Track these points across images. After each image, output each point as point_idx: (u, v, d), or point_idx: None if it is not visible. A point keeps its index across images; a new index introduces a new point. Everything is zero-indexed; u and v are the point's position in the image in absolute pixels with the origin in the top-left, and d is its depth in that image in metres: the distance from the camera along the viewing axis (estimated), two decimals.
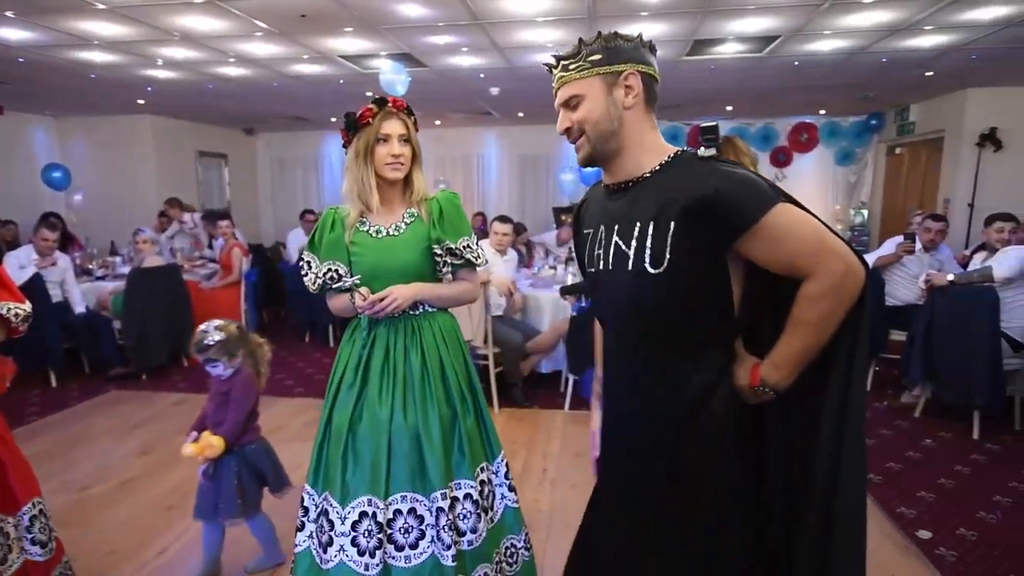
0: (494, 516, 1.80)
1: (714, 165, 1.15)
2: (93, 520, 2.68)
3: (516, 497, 1.87)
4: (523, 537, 1.87)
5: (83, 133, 7.60)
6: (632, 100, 1.19)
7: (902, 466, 3.24)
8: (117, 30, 3.98)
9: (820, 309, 1.11)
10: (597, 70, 1.19)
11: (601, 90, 1.20)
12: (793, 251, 1.11)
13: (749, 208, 1.10)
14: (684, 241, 1.13)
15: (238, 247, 5.63)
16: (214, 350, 2.15)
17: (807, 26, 4.04)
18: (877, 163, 8.10)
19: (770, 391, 1.17)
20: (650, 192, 1.18)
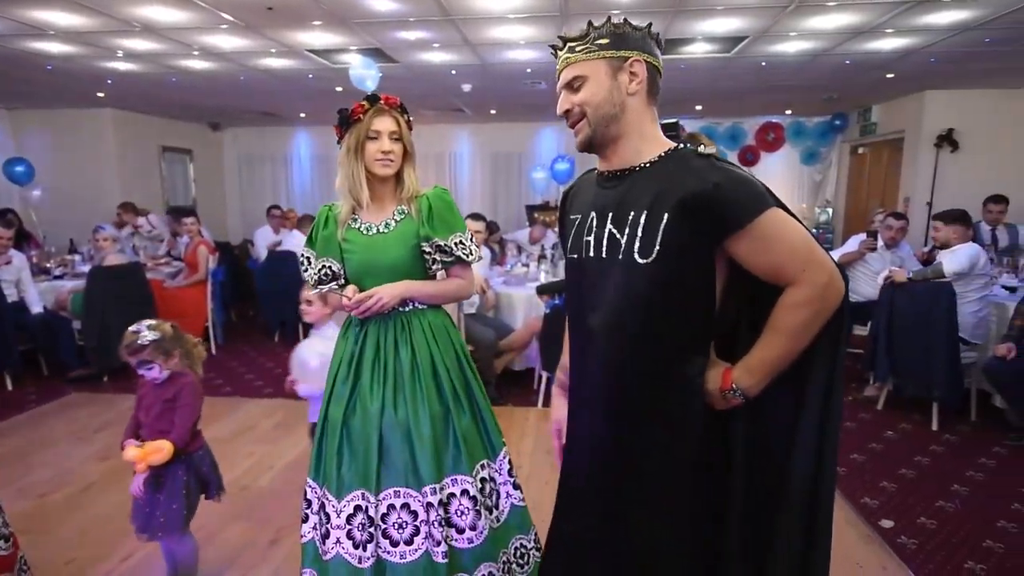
0: (500, 515, 1.78)
1: (714, 162, 1.16)
2: (53, 527, 2.59)
3: (522, 495, 1.84)
4: (532, 537, 1.84)
5: (40, 126, 7.33)
6: (636, 87, 1.19)
7: (865, 457, 3.34)
8: (74, 20, 3.84)
9: (800, 318, 1.13)
10: (603, 53, 1.18)
11: (606, 73, 1.19)
12: (782, 257, 1.13)
13: (746, 208, 1.11)
14: (675, 234, 1.13)
15: (204, 245, 5.50)
16: (149, 350, 2.00)
17: (773, 27, 4.11)
18: (841, 162, 8.31)
19: (740, 396, 1.18)
20: (647, 182, 1.18)
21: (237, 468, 3.25)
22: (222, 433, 3.73)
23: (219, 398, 4.37)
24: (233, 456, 3.40)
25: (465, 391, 1.78)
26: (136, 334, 2.00)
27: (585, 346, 1.31)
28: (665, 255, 1.14)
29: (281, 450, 3.46)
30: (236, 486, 3.05)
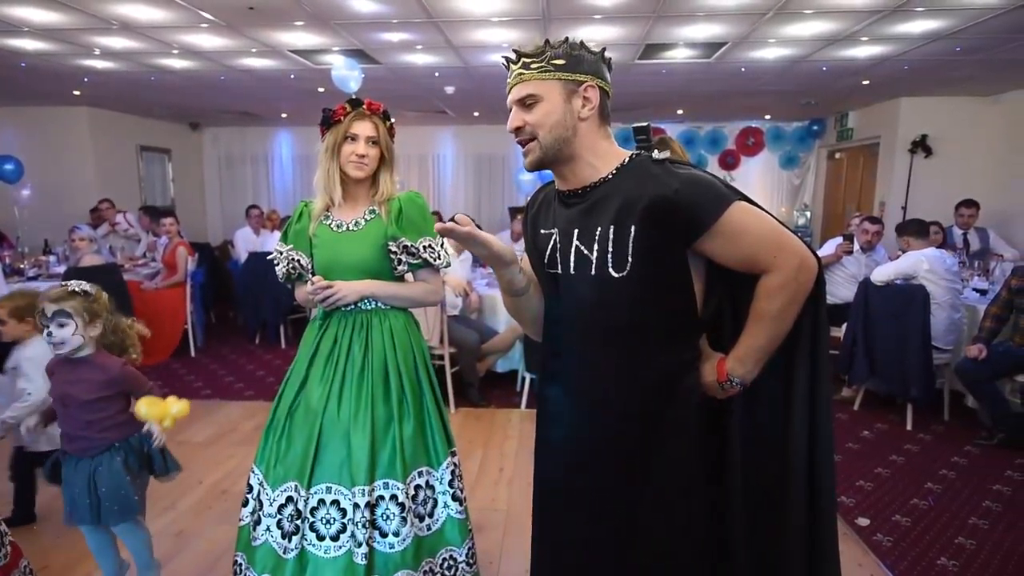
0: (432, 524, 1.79)
1: (670, 167, 1.17)
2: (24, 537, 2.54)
3: (462, 508, 1.84)
4: (466, 551, 1.83)
5: (13, 124, 7.17)
6: (588, 112, 1.19)
7: (842, 457, 3.40)
8: (50, 17, 3.77)
9: (779, 301, 1.17)
10: (559, 74, 1.18)
11: (560, 95, 1.18)
12: (751, 247, 1.16)
13: (708, 208, 1.13)
14: (645, 244, 1.15)
15: (183, 246, 5.42)
16: (75, 301, 1.78)
17: (752, 34, 4.18)
18: (819, 167, 8.45)
19: (738, 384, 1.22)
20: (608, 196, 1.19)
21: (218, 471, 3.22)
22: (202, 436, 3.68)
23: (198, 401, 4.31)
24: (214, 459, 3.36)
25: (415, 396, 1.79)
26: (65, 285, 1.83)
27: (569, 354, 1.30)
28: (639, 265, 1.16)
29: None
30: (217, 489, 3.02)
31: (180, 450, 3.42)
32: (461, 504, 1.83)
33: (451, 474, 1.82)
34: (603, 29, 4.10)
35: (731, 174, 8.49)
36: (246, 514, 1.79)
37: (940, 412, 3.91)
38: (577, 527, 1.30)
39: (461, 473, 1.88)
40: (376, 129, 1.75)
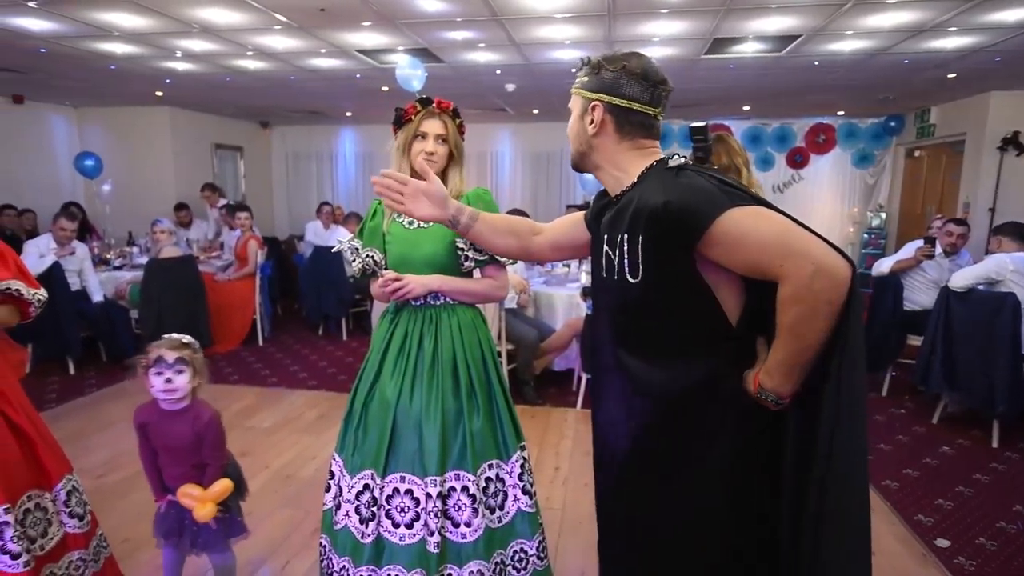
0: (503, 517, 1.81)
1: (669, 176, 1.17)
2: (109, 507, 2.71)
3: (532, 502, 1.85)
4: (536, 544, 1.84)
5: (102, 123, 7.67)
6: (593, 129, 1.25)
7: (919, 473, 3.21)
8: (138, 21, 4.00)
9: (791, 314, 1.09)
10: (581, 92, 1.27)
11: (578, 111, 1.28)
12: (754, 255, 1.11)
13: (699, 215, 1.11)
14: (650, 252, 1.16)
15: (254, 239, 5.66)
16: (189, 351, 1.91)
17: (828, 26, 3.99)
18: (895, 165, 8.01)
19: (770, 398, 1.15)
20: (628, 205, 1.21)
21: (282, 457, 3.34)
22: (268, 423, 3.83)
23: (264, 389, 4.50)
24: (278, 445, 3.49)
25: (484, 390, 1.81)
26: (177, 337, 1.93)
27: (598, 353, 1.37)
28: (649, 273, 1.17)
29: (324, 441, 3.54)
30: (280, 475, 3.14)
31: (247, 436, 3.60)
32: (531, 498, 1.85)
33: (521, 467, 1.85)
34: (669, 24, 4.01)
35: (799, 173, 8.16)
36: (329, 499, 1.86)
37: None
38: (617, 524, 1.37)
39: (531, 467, 1.90)
40: (445, 127, 1.78)
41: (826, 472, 1.09)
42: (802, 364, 1.12)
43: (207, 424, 1.93)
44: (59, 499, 1.97)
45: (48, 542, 1.91)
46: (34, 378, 4.44)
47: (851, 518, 1.12)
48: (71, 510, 1.99)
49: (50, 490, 1.95)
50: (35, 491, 1.91)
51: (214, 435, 1.95)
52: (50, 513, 1.93)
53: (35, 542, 1.87)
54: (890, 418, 4.00)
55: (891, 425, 3.88)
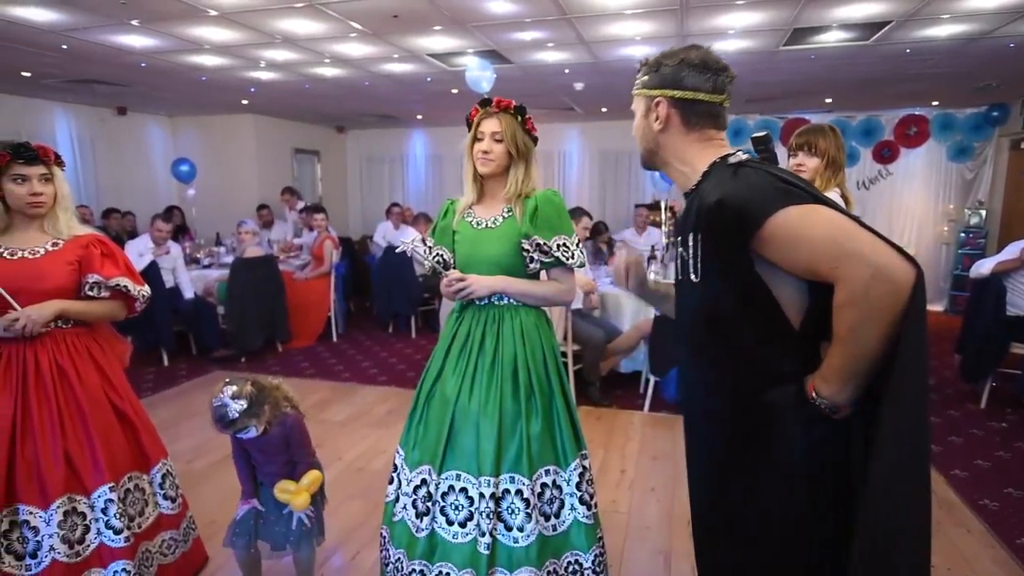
0: (558, 524, 1.77)
1: (728, 173, 1.14)
2: (196, 491, 2.89)
3: (590, 513, 1.81)
4: (592, 558, 1.79)
5: (193, 131, 8.21)
6: (659, 126, 1.25)
7: (1022, 493, 2.94)
8: (226, 35, 4.26)
9: (846, 320, 1.04)
10: (643, 91, 1.27)
11: (642, 111, 1.29)
12: (808, 256, 1.06)
13: (752, 213, 1.08)
14: (707, 251, 1.15)
15: (330, 240, 5.90)
16: (240, 421, 1.89)
17: (923, 10, 3.72)
18: (998, 159, 7.37)
19: (825, 404, 1.10)
20: (694, 202, 1.21)
21: (354, 450, 3.46)
22: (341, 416, 3.98)
23: (338, 383, 4.68)
24: (350, 438, 3.62)
25: (544, 394, 1.79)
26: (223, 408, 1.88)
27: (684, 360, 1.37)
28: (706, 272, 1.16)
29: (393, 435, 3.61)
30: (353, 467, 3.25)
31: (320, 428, 3.75)
32: (589, 508, 1.80)
33: (579, 476, 1.80)
34: (745, 16, 3.85)
35: (887, 168, 7.66)
36: (391, 491, 1.91)
37: None
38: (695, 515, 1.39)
39: (592, 477, 1.86)
40: (500, 124, 1.78)
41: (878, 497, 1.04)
42: (860, 372, 1.06)
43: (291, 427, 2.03)
44: (155, 481, 2.13)
45: (145, 521, 2.07)
46: (131, 368, 4.76)
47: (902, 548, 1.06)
48: (165, 492, 2.15)
49: (148, 473, 2.11)
50: (135, 472, 2.07)
51: (299, 435, 2.06)
52: (147, 494, 2.09)
53: (133, 520, 2.02)
54: (989, 432, 3.69)
55: (990, 440, 3.58)
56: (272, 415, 1.98)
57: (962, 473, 3.16)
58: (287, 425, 2.03)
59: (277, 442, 2.02)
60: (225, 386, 1.91)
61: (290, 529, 2.04)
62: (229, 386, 1.90)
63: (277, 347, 5.53)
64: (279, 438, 2.02)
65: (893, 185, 7.70)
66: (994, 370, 4.11)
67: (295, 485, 2.00)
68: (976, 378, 4.22)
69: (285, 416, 2.03)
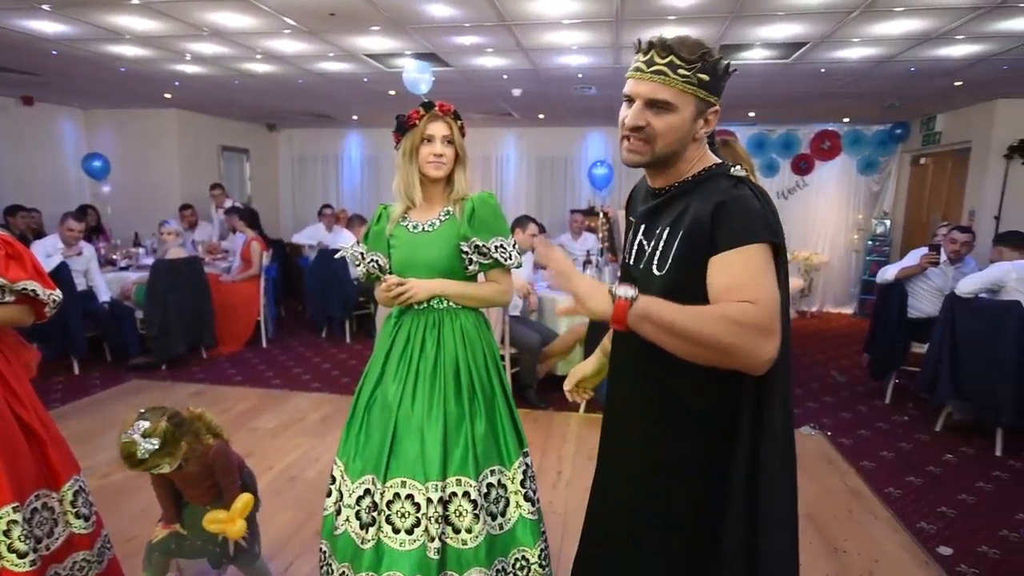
0: (504, 523, 1.80)
1: (729, 184, 1.15)
2: (114, 506, 2.72)
3: (535, 509, 1.84)
4: (538, 552, 1.82)
5: (110, 125, 7.72)
6: (703, 133, 1.19)
7: (923, 480, 3.20)
8: (149, 25, 4.04)
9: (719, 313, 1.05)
10: (699, 91, 1.14)
11: (692, 112, 1.15)
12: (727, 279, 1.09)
13: (735, 235, 1.09)
14: (684, 251, 1.15)
15: (256, 241, 5.69)
16: (150, 461, 1.76)
17: (836, 33, 3.99)
18: (901, 173, 7.99)
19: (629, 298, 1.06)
20: (679, 200, 1.20)
21: (285, 459, 3.35)
22: (271, 424, 3.84)
23: (268, 390, 4.51)
24: (281, 447, 3.51)
25: (486, 396, 1.81)
26: (132, 444, 1.74)
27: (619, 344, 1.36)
28: (675, 269, 1.16)
29: (328, 443, 3.55)
30: (284, 476, 3.15)
31: (250, 437, 3.61)
32: (533, 505, 1.84)
33: (523, 474, 1.83)
34: (677, 30, 4.00)
35: (804, 179, 8.15)
36: (329, 504, 1.86)
37: None
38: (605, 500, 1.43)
39: (534, 474, 1.89)
40: (449, 128, 1.80)
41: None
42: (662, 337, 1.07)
43: (214, 458, 1.94)
44: (66, 499, 1.98)
45: (54, 542, 1.92)
46: (39, 378, 4.44)
47: None
48: (77, 510, 2.00)
49: (57, 490, 1.96)
50: (43, 491, 1.92)
51: (222, 465, 1.96)
52: (57, 513, 1.94)
53: (41, 542, 1.88)
54: (893, 426, 3.99)
55: (894, 432, 3.87)
56: (190, 450, 1.85)
57: (869, 464, 3.41)
58: (208, 457, 1.93)
59: (199, 472, 1.94)
60: (138, 420, 1.77)
61: (227, 552, 1.96)
62: (142, 421, 1.76)
63: (202, 353, 5.28)
64: (200, 469, 1.93)
65: (809, 196, 8.20)
66: (898, 368, 4.45)
67: (225, 514, 1.90)
68: (882, 375, 4.55)
69: (207, 448, 1.93)
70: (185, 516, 2.00)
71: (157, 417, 1.78)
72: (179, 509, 2.01)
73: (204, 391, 4.46)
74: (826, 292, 8.25)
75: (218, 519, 1.89)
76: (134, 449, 1.73)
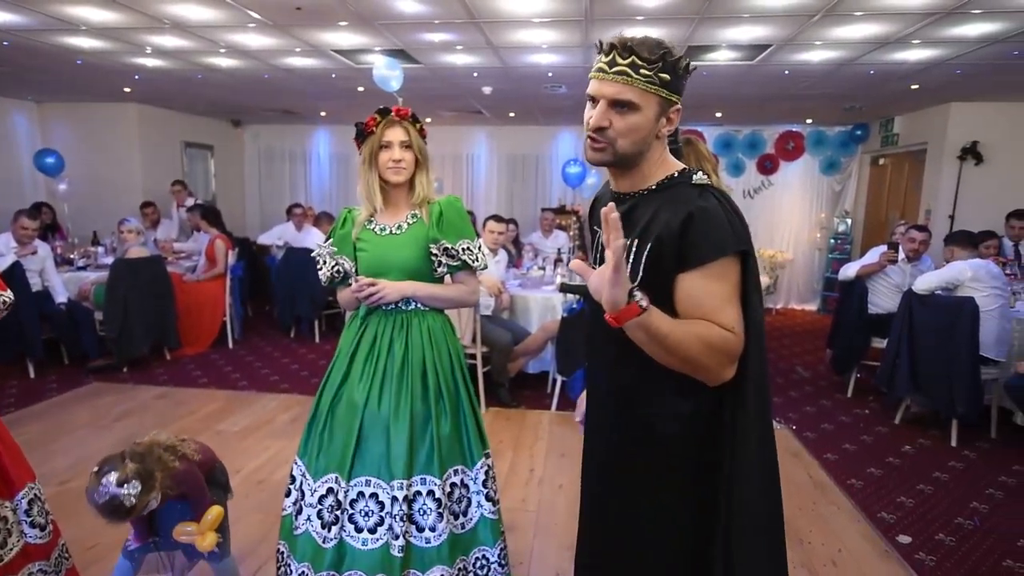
0: (466, 523, 1.82)
1: (694, 194, 1.16)
2: (74, 513, 2.63)
3: (495, 509, 1.87)
4: (498, 552, 1.85)
5: (66, 120, 7.45)
6: (666, 132, 1.20)
7: (883, 471, 3.30)
8: (106, 16, 3.90)
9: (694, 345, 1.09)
10: (661, 91, 1.14)
11: (655, 111, 1.16)
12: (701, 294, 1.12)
13: (705, 247, 1.10)
14: (653, 261, 1.15)
15: (221, 239, 5.56)
16: (140, 504, 1.71)
17: (799, 36, 4.09)
18: (861, 173, 8.23)
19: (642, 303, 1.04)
20: (644, 208, 1.20)
21: (253, 462, 3.29)
22: (238, 427, 3.77)
23: (235, 392, 4.42)
24: (249, 450, 3.44)
25: (452, 397, 1.82)
26: (115, 499, 1.67)
27: (593, 352, 1.37)
28: (644, 281, 1.15)
29: (296, 445, 3.48)
30: (253, 480, 3.09)
31: (217, 439, 3.53)
32: (494, 504, 1.86)
33: (485, 474, 1.86)
34: (645, 30, 4.02)
35: (769, 179, 8.32)
36: (288, 504, 1.84)
37: (987, 429, 3.77)
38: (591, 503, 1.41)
39: (495, 474, 1.91)
40: (407, 133, 1.81)
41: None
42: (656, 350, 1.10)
43: (183, 482, 1.86)
44: (20, 508, 1.91)
45: (7, 553, 1.85)
46: None
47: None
48: (32, 520, 1.94)
49: (11, 499, 1.90)
50: None
51: (192, 487, 1.90)
52: (10, 523, 1.87)
53: None
54: (855, 419, 4.11)
55: (855, 425, 3.99)
56: (164, 479, 1.78)
57: (832, 456, 3.50)
58: (179, 482, 1.86)
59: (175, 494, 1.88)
60: (102, 476, 1.68)
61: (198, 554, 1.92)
62: (108, 475, 1.67)
63: (165, 354, 5.15)
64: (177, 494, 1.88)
65: (774, 195, 8.38)
66: (859, 362, 4.58)
67: (195, 526, 1.86)
68: (844, 370, 4.68)
69: (176, 473, 1.85)
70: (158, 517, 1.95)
71: (119, 463, 1.71)
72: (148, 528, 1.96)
73: (168, 393, 4.34)
74: (790, 289, 8.45)
75: (187, 531, 1.85)
76: (119, 502, 1.67)
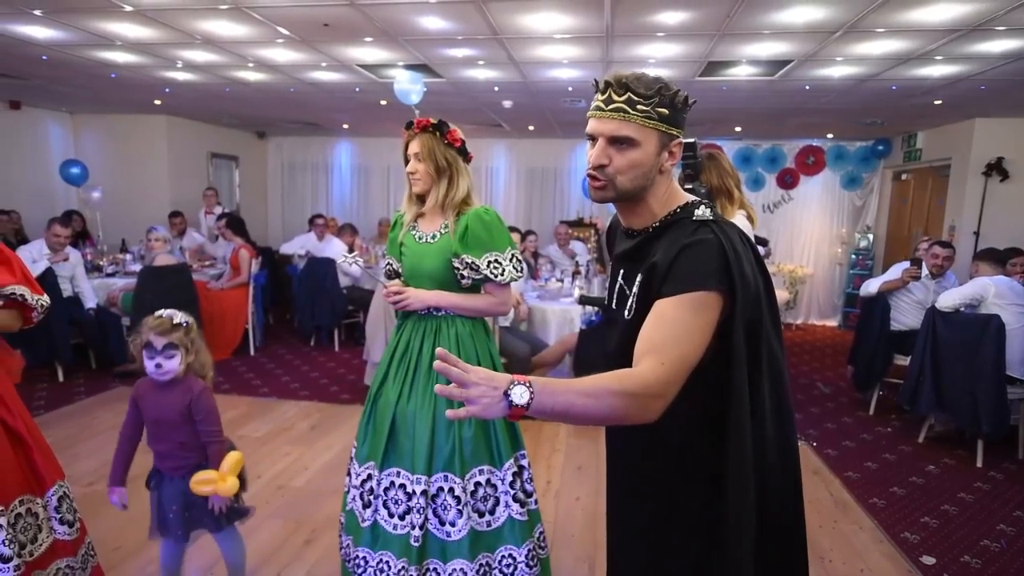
0: (492, 521, 1.88)
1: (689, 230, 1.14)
2: (99, 515, 2.69)
3: (524, 511, 1.92)
4: (526, 552, 1.89)
5: (98, 130, 7.67)
6: (669, 166, 1.19)
7: (906, 491, 3.25)
8: (142, 32, 4.04)
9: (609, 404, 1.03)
10: (660, 125, 1.14)
11: (655, 146, 1.15)
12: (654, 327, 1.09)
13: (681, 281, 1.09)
14: (643, 290, 1.17)
15: (245, 248, 5.67)
16: (180, 333, 1.88)
17: (820, 52, 4.09)
18: (883, 188, 8.15)
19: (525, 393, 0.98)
20: (651, 245, 1.20)
21: (274, 467, 3.33)
22: (260, 432, 3.82)
23: (256, 398, 4.49)
24: (270, 455, 3.49)
25: None
26: (170, 315, 1.91)
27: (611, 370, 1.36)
28: (638, 312, 1.15)
29: (316, 452, 3.53)
30: (273, 485, 3.13)
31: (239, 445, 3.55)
32: (523, 506, 1.92)
33: (513, 475, 1.91)
34: (666, 46, 4.09)
35: (789, 193, 8.28)
36: (347, 482, 2.03)
37: (1014, 450, 3.70)
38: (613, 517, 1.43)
39: (531, 476, 1.99)
40: (422, 144, 1.87)
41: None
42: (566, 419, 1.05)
43: (199, 394, 1.94)
44: (50, 505, 1.97)
45: (37, 548, 1.90)
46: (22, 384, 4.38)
47: None
48: (61, 516, 1.99)
49: (42, 496, 1.95)
50: (27, 496, 1.91)
51: (206, 405, 1.94)
52: (41, 519, 1.93)
53: (24, 548, 1.86)
54: (877, 437, 4.05)
55: (878, 444, 3.93)
56: (195, 361, 1.95)
57: (854, 475, 3.45)
58: (194, 391, 1.92)
59: (179, 410, 1.92)
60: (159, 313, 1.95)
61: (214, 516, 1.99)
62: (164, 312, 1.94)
63: None
64: (182, 406, 1.92)
65: (794, 209, 8.33)
66: (881, 380, 4.52)
67: (214, 472, 1.89)
68: (866, 387, 4.62)
69: (193, 382, 1.95)
70: (163, 491, 1.99)
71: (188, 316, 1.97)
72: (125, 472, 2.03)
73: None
74: (811, 304, 8.37)
75: (208, 479, 1.88)
76: (167, 319, 1.91)
